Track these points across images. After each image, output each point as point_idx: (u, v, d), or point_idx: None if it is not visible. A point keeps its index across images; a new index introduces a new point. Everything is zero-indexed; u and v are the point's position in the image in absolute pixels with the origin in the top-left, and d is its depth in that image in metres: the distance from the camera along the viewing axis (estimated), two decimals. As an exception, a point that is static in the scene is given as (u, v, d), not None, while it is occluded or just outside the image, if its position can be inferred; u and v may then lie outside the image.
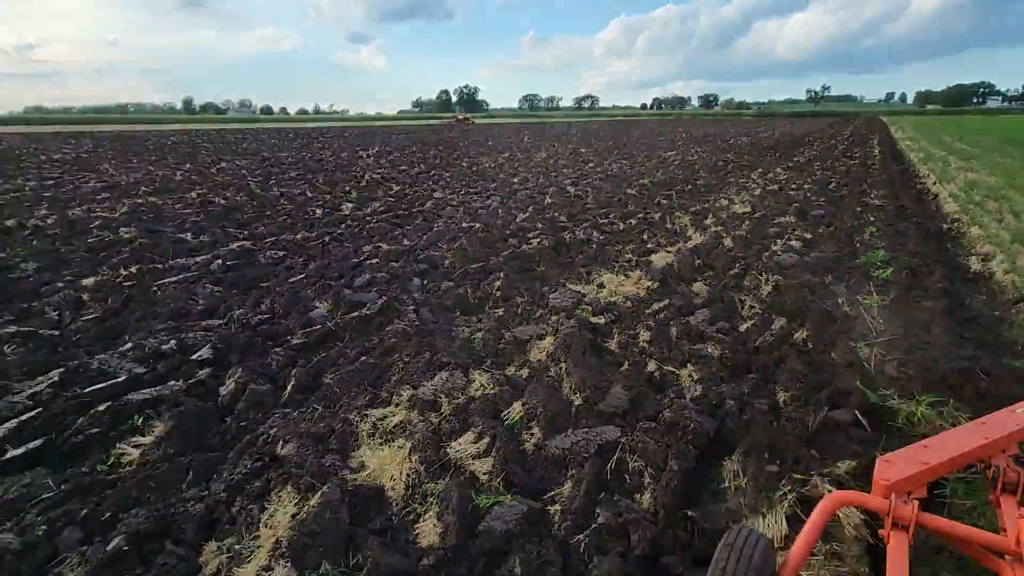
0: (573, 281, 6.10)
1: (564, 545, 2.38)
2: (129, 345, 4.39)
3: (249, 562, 2.31)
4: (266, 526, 2.49)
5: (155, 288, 5.92)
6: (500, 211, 10.24)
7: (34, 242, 7.95)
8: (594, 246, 7.71)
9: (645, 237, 8.19)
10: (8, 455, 3.01)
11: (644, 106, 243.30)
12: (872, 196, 11.46)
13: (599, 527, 2.45)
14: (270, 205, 11.03)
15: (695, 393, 3.58)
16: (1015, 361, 4.21)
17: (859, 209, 10.02)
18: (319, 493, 2.56)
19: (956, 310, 5.29)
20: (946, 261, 6.96)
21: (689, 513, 2.54)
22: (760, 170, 16.71)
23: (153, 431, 3.23)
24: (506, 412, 3.42)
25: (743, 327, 4.77)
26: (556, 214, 9.88)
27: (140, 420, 3.38)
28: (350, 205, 10.97)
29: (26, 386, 3.77)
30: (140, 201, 11.35)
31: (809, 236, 7.93)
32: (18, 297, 5.69)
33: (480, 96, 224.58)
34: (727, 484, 2.79)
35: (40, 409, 3.42)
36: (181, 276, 6.33)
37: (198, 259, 7.04)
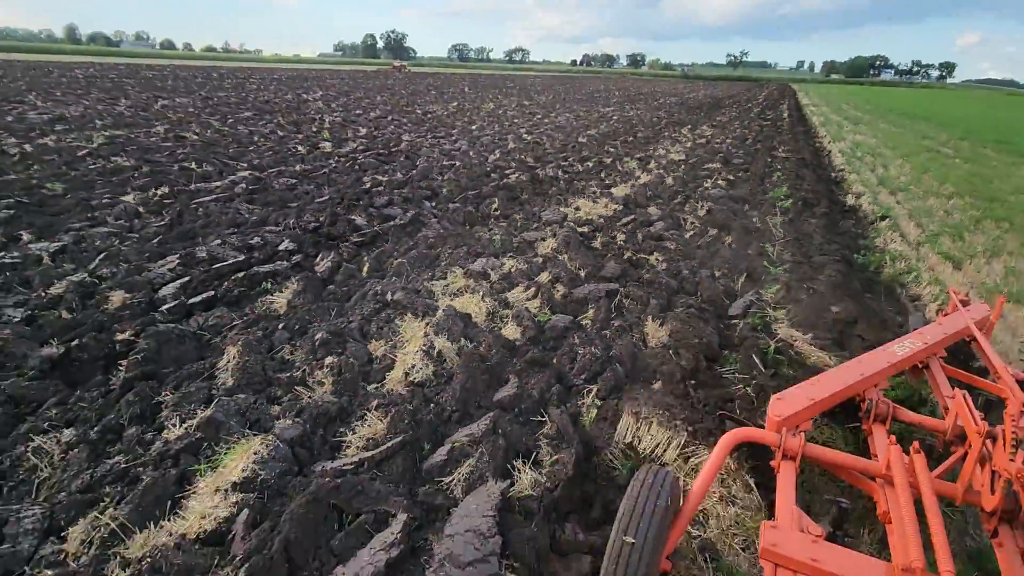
0: (554, 205, 7.57)
1: (597, 335, 3.93)
2: (217, 241, 5.40)
3: (406, 347, 3.67)
4: (405, 331, 3.84)
5: (195, 206, 6.75)
6: (471, 153, 11.42)
7: (34, 167, 8.26)
8: (562, 182, 9.19)
9: (603, 176, 9.77)
10: (191, 301, 4.12)
11: (574, 62, 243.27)
12: (780, 151, 13.68)
13: (618, 327, 4.03)
14: (247, 142, 11.52)
15: (662, 267, 5.22)
16: (862, 255, 6.22)
17: (769, 160, 12.14)
18: (438, 311, 3.94)
19: (832, 227, 7.31)
20: (830, 197, 9.09)
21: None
22: (689, 127, 18.73)
23: (287, 289, 4.43)
24: (536, 278, 4.89)
25: (688, 235, 6.48)
26: (523, 156, 11.21)
27: (269, 284, 4.54)
28: (328, 144, 11.69)
29: (155, 265, 4.77)
30: (107, 134, 11.43)
31: (731, 178, 9.83)
32: (71, 211, 6.35)
33: (407, 43, 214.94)
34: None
35: (188, 278, 4.48)
36: (213, 197, 7.15)
37: (217, 184, 7.80)
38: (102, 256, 4.89)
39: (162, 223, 6.01)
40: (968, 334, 3.26)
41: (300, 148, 11.02)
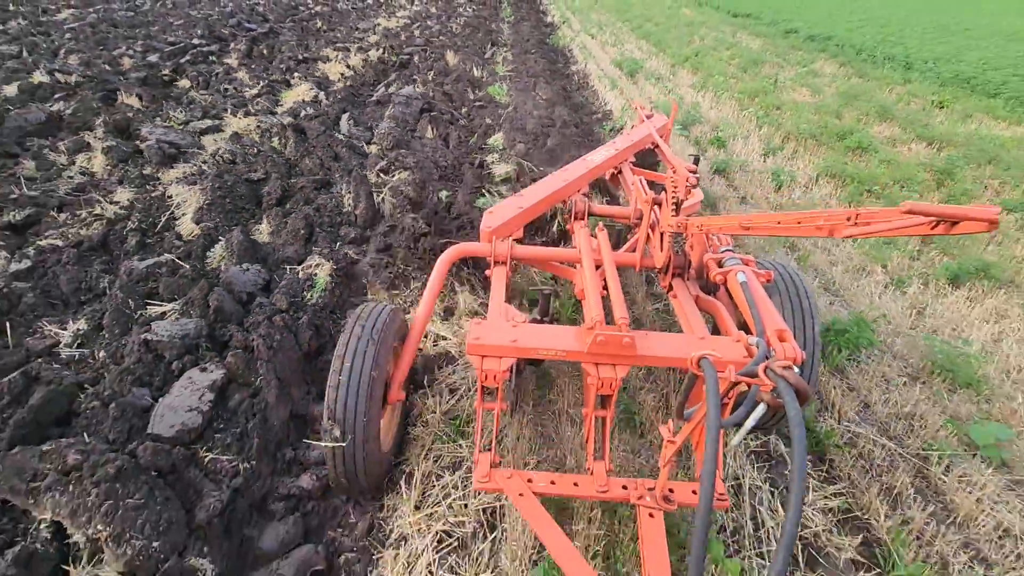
0: (362, 23, 10.67)
1: (424, 62, 7.72)
2: (141, 41, 7.51)
3: (332, 69, 6.99)
4: (324, 68, 7.12)
5: (68, 29, 8.21)
6: (263, -5, 13.16)
7: None
8: (355, 12, 12.07)
9: (384, 7, 12.87)
10: (180, 61, 6.67)
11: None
12: (506, -7, 18.02)
13: (432, 60, 7.89)
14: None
15: (446, 43, 9.11)
16: (549, 39, 10.99)
17: (499, -2, 16.42)
18: (339, 57, 7.27)
19: (537, 30, 11.96)
20: (538, 17, 13.81)
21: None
22: (435, -22, 21.82)
23: (231, 57, 7.17)
24: (382, 45, 8.36)
25: (456, 31, 10.40)
26: (311, -3, 13.43)
27: (214, 57, 7.20)
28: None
29: (117, 53, 6.92)
30: None
31: (475, 7, 13.82)
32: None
33: None
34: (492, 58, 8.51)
35: (158, 53, 6.86)
36: (77, 24, 8.52)
37: (68, 15, 8.93)
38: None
39: (70, 38, 7.65)
40: (651, 141, 3.58)
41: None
